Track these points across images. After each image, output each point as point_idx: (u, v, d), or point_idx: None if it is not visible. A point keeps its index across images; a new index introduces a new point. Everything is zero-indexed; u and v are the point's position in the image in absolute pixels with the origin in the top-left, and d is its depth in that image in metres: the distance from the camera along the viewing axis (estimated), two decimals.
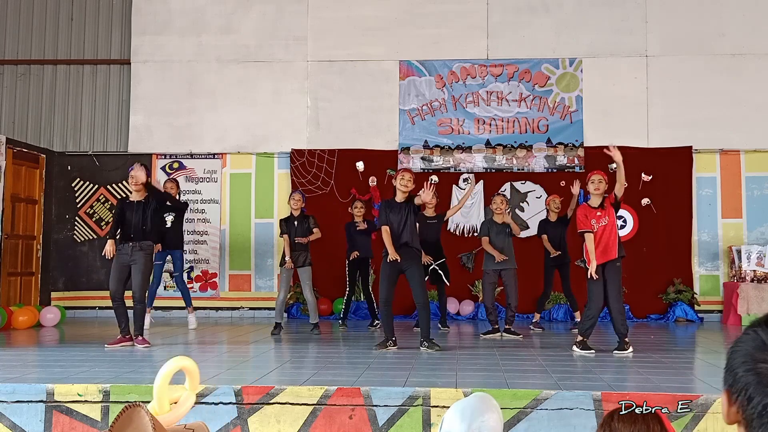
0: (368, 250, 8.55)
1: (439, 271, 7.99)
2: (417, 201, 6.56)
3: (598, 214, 6.33)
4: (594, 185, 6.39)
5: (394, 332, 6.65)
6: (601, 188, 6.38)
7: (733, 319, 9.17)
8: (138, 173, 6.88)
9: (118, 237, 6.90)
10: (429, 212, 8.05)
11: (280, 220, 8.29)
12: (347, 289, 8.66)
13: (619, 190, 6.34)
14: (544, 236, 8.32)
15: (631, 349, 6.28)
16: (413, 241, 6.60)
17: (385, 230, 6.57)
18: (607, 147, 6.64)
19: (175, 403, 1.92)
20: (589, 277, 6.29)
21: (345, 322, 8.66)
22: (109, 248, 6.76)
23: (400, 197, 6.69)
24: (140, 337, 6.85)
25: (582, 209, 6.45)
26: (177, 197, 8.75)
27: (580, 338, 6.40)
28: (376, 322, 8.45)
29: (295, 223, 8.00)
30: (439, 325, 8.28)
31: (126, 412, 1.71)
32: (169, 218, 8.34)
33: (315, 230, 7.97)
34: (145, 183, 6.95)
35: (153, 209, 6.92)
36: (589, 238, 6.28)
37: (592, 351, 6.28)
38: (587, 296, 6.40)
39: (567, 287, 8.38)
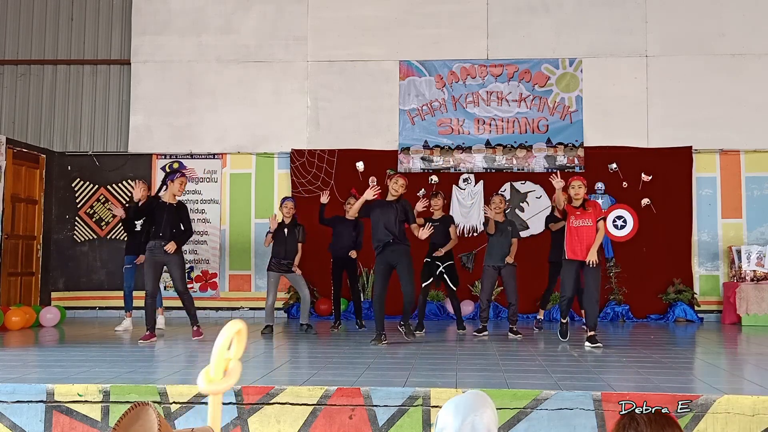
0: (353, 246, 8.19)
1: (445, 275, 7.82)
2: (414, 228, 7.03)
3: (578, 213, 6.92)
4: (574, 191, 6.93)
5: (384, 327, 6.92)
6: (581, 193, 6.91)
7: (731, 317, 9.18)
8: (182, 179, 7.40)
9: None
10: (436, 214, 8.00)
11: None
12: (332, 289, 8.40)
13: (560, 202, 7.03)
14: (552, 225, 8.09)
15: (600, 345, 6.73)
16: (402, 238, 6.92)
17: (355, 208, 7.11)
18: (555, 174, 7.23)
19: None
20: (589, 264, 6.76)
21: (337, 324, 8.30)
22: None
23: (390, 198, 7.06)
24: (196, 328, 7.45)
25: (566, 207, 7.11)
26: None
27: (590, 334, 6.80)
28: (363, 323, 8.39)
29: (285, 230, 8.03)
30: (458, 330, 8.03)
31: (134, 409, 1.71)
32: (139, 222, 8.13)
33: (299, 249, 8.06)
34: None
35: (182, 213, 7.37)
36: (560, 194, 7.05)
37: (600, 345, 6.68)
38: (560, 283, 7.11)
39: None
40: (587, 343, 6.75)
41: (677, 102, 10.00)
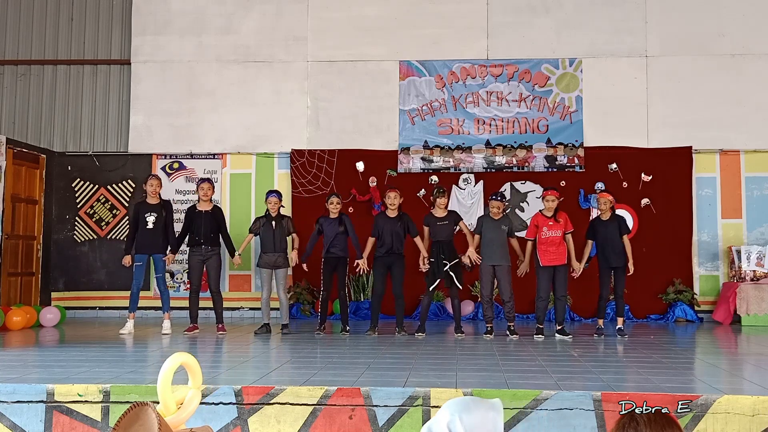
0: (344, 249, 8.03)
1: (451, 273, 7.72)
2: (417, 241, 7.96)
3: (550, 223, 7.70)
4: (547, 203, 7.79)
5: (378, 322, 7.94)
6: (552, 206, 7.71)
7: (723, 315, 9.19)
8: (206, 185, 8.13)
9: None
10: (439, 213, 7.89)
11: (256, 218, 8.26)
12: (322, 290, 8.05)
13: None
14: (590, 241, 7.93)
15: (570, 337, 7.58)
16: (399, 248, 7.94)
17: (371, 241, 8.01)
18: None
19: (182, 404, 1.93)
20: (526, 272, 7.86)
21: (322, 327, 7.93)
22: (170, 258, 8.09)
23: (391, 213, 7.95)
24: (220, 325, 8.10)
25: (536, 218, 7.87)
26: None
27: (558, 327, 7.71)
28: (348, 328, 8.04)
29: (273, 223, 8.01)
30: (456, 334, 7.71)
31: (134, 409, 1.72)
32: (150, 219, 8.02)
33: (294, 238, 8.10)
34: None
35: (219, 219, 8.13)
36: (530, 244, 7.84)
37: (570, 336, 7.63)
38: (537, 286, 7.76)
39: (619, 290, 7.86)
40: (558, 334, 7.68)
41: (677, 102, 10.00)
